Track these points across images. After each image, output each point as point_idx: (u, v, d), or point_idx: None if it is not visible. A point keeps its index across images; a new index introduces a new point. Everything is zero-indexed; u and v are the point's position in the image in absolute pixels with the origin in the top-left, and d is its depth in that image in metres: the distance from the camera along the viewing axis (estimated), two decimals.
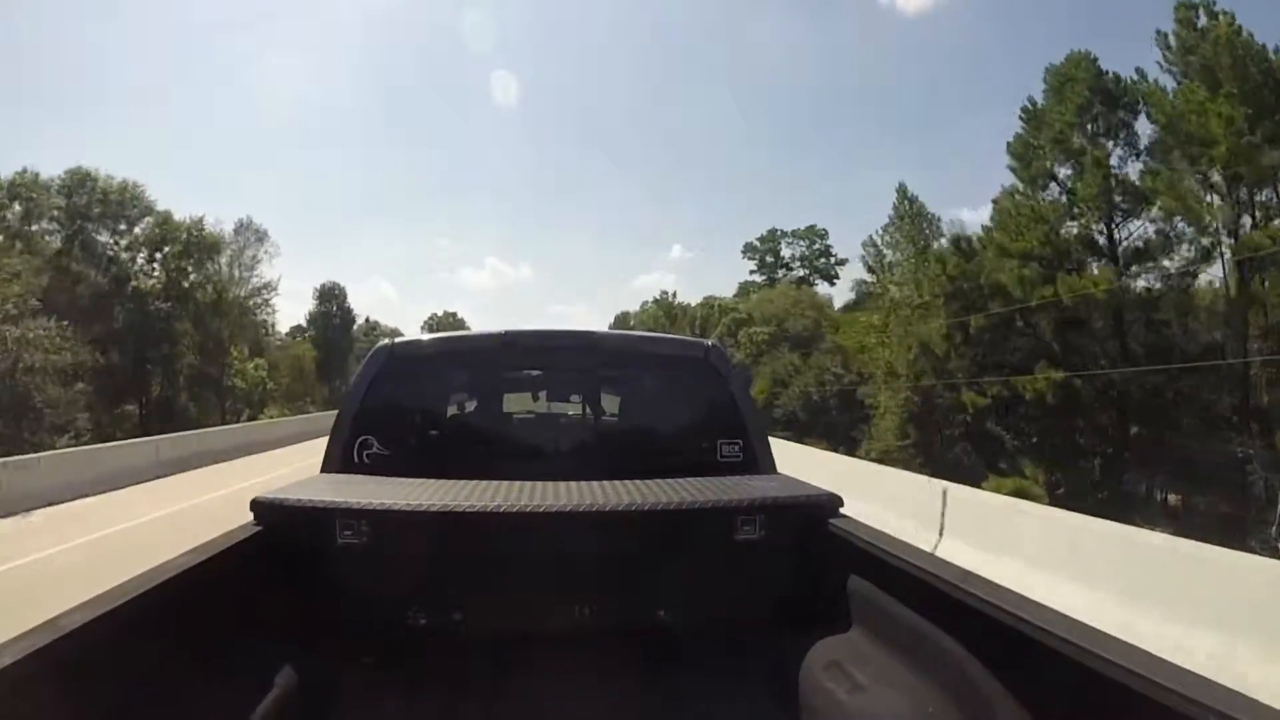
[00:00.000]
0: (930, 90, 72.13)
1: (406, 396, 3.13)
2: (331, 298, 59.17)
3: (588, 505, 2.31)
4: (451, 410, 3.42)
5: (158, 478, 14.09)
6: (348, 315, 59.11)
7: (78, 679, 1.45)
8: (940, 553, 4.85)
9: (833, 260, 76.48)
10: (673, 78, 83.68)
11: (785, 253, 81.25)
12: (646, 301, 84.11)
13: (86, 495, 11.44)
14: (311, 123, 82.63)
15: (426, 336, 3.47)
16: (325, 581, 2.40)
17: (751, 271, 76.40)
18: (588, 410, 3.43)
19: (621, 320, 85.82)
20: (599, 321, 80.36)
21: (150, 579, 1.73)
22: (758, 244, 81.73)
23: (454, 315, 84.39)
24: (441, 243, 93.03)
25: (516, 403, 3.59)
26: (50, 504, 10.71)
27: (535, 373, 3.53)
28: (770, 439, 3.36)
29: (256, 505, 2.33)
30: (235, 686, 1.93)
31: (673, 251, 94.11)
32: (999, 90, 67.02)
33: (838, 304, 61.41)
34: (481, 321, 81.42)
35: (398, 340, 3.24)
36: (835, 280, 72.39)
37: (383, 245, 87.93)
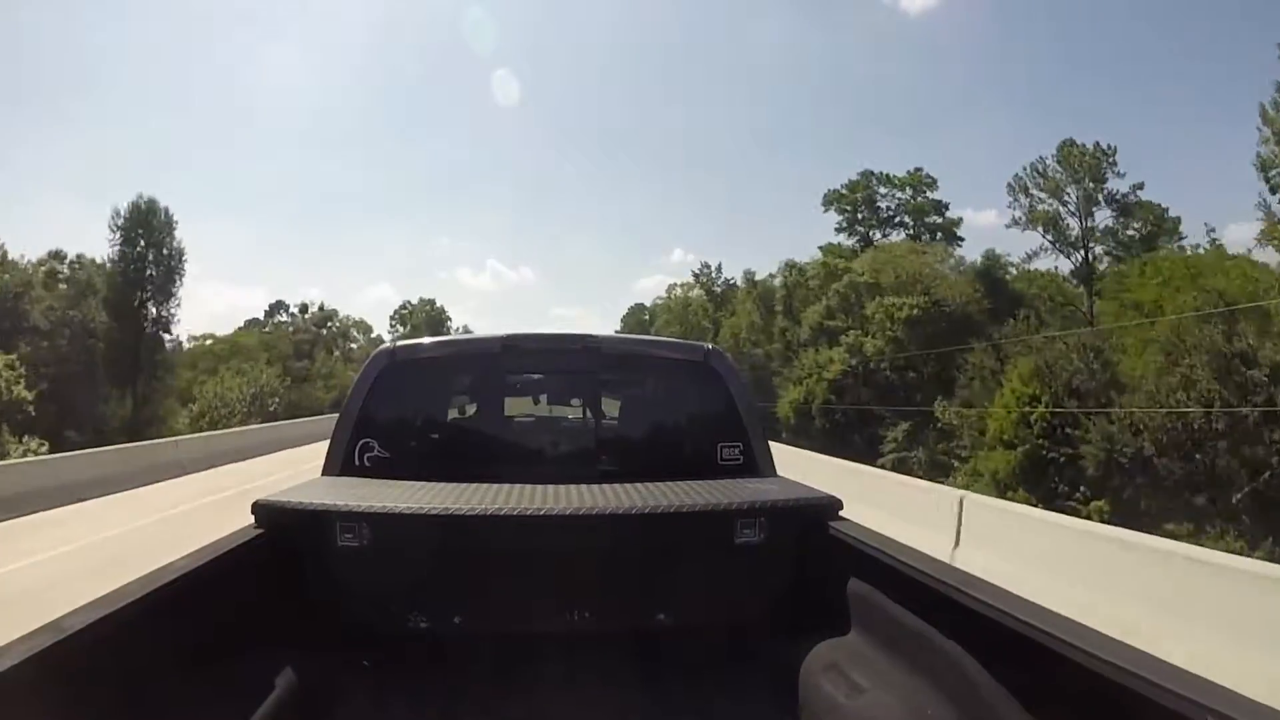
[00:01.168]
0: (936, 90, 70.31)
1: (407, 399, 3.20)
2: (143, 228, 25.01)
3: (588, 508, 2.39)
4: (452, 413, 3.51)
5: None
6: (173, 261, 25.21)
7: (79, 681, 1.51)
8: None
9: (945, 215, 52.40)
10: (675, 79, 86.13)
11: (882, 204, 56.15)
12: (675, 284, 70.19)
13: None
14: (311, 125, 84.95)
15: (427, 340, 3.52)
16: (326, 584, 2.49)
17: (838, 228, 54.77)
18: (588, 413, 3.45)
19: (635, 314, 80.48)
20: (602, 324, 79.49)
21: (151, 581, 1.78)
22: (844, 192, 58.33)
23: (431, 303, 74.48)
24: (441, 243, 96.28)
25: (517, 406, 3.64)
26: None
27: (536, 376, 3.60)
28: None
29: (257, 508, 2.42)
30: (235, 689, 1.98)
31: (674, 255, 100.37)
32: (1000, 91, 63.48)
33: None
34: (482, 324, 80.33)
35: (399, 344, 3.32)
36: (959, 240, 50.81)
37: (383, 249, 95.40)
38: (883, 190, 54.26)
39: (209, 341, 57.26)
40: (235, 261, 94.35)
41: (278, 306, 66.85)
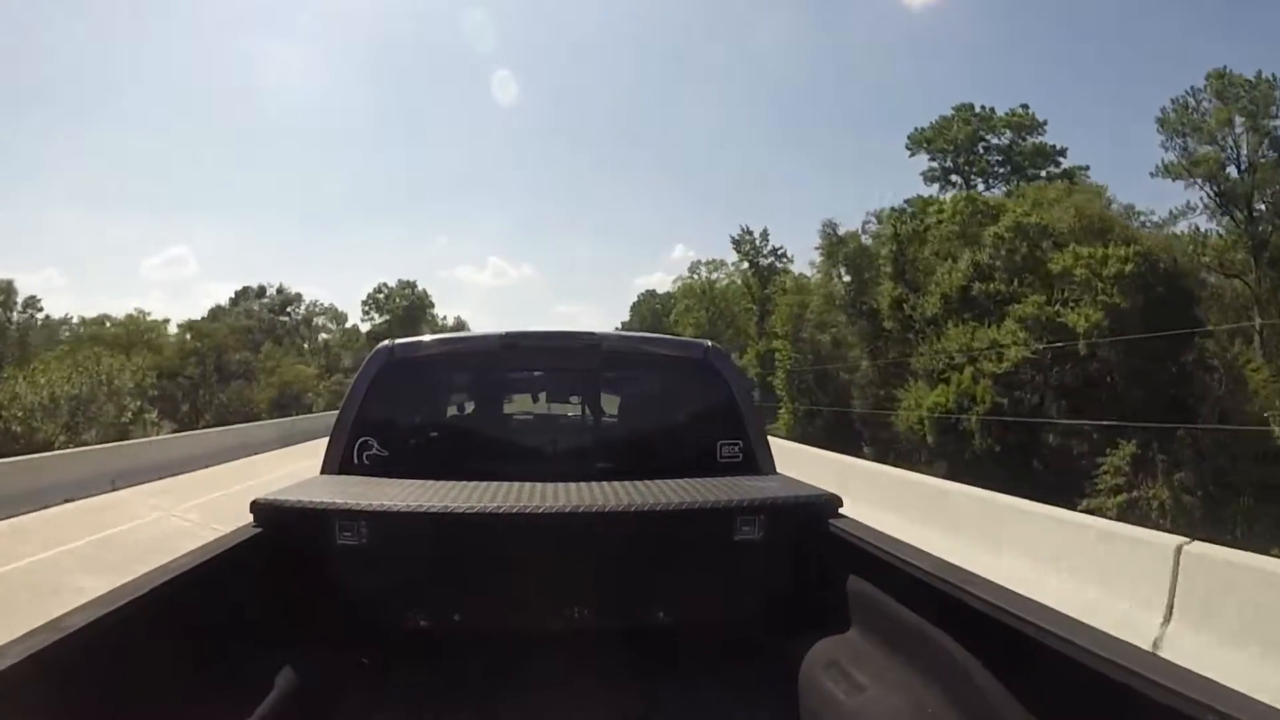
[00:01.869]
0: (933, 84, 66.07)
1: (406, 397, 3.25)
2: None
3: (587, 506, 2.47)
4: (451, 411, 3.59)
5: None
6: None
7: (78, 681, 1.54)
8: None
9: (1061, 163, 39.84)
10: (675, 76, 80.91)
11: (986, 144, 44.64)
12: (699, 262, 56.48)
13: None
14: (310, 123, 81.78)
15: (427, 337, 3.55)
16: (324, 582, 2.54)
17: (929, 176, 42.80)
18: (587, 411, 3.51)
19: (645, 303, 68.79)
20: (605, 320, 74.99)
21: (150, 581, 1.83)
22: (933, 131, 44.74)
23: (411, 286, 63.77)
24: (442, 242, 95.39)
25: (516, 404, 3.70)
26: None
27: (535, 374, 3.63)
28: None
29: (256, 507, 2.51)
30: (234, 688, 2.03)
31: (675, 251, 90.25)
32: (996, 87, 43.90)
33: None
34: (484, 322, 77.15)
35: (398, 341, 3.33)
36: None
37: (383, 247, 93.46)
38: (986, 128, 42.66)
39: (107, 325, 42.11)
40: (234, 261, 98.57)
41: (244, 293, 60.64)
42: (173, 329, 50.14)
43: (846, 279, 35.41)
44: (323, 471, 3.07)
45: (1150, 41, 57.02)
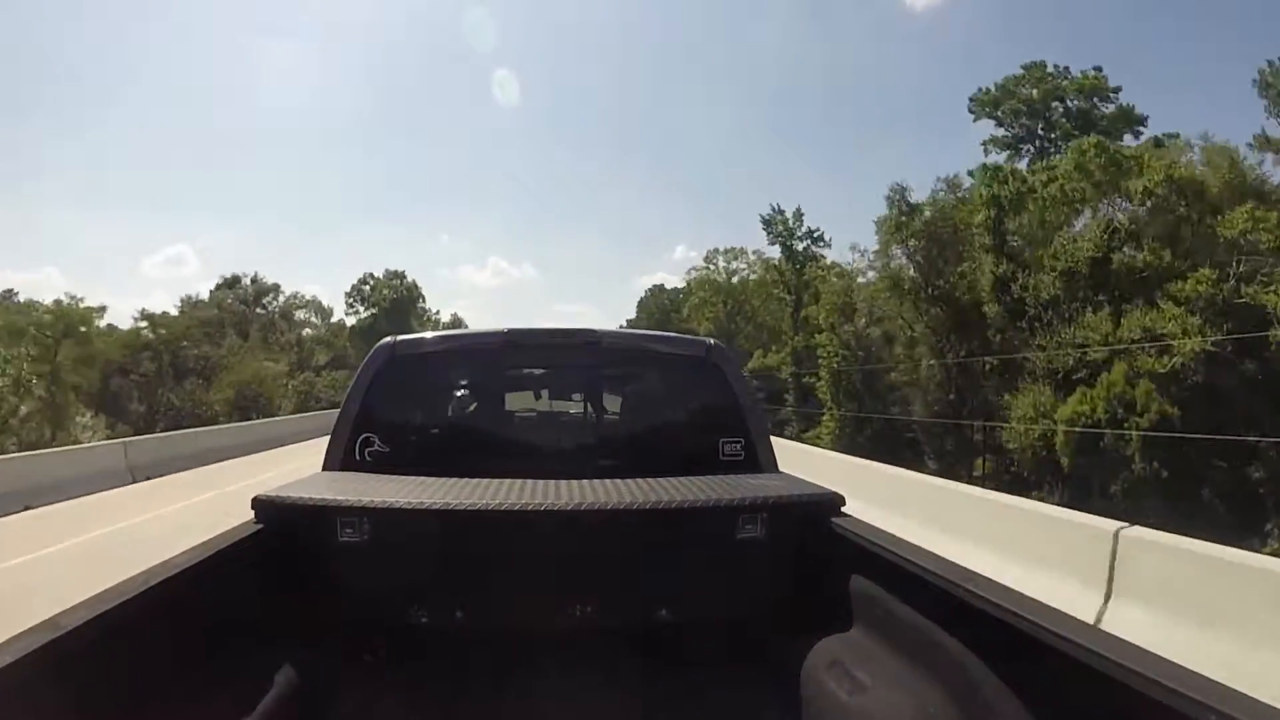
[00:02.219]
0: (933, 86, 62.55)
1: (408, 394, 3.35)
2: None
3: (589, 504, 2.58)
4: (453, 408, 3.68)
5: None
6: None
7: (78, 678, 1.59)
8: None
9: (1139, 130, 35.43)
10: (676, 76, 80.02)
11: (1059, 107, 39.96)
12: (715, 251, 51.84)
13: None
14: (309, 122, 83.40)
15: (429, 334, 3.76)
16: (326, 579, 2.66)
17: (998, 144, 38.22)
18: (589, 408, 3.62)
19: (654, 297, 64.67)
20: (607, 319, 72.50)
21: (150, 578, 1.87)
22: (1002, 91, 40.00)
23: (400, 277, 60.12)
24: (442, 240, 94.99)
25: (518, 401, 3.80)
26: None
27: (537, 371, 3.77)
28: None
29: (257, 503, 2.63)
30: (236, 685, 2.10)
31: (675, 252, 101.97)
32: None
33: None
34: (485, 320, 77.00)
35: (400, 338, 3.44)
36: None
37: (383, 246, 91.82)
38: (1058, 89, 37.15)
39: (33, 311, 36.34)
40: (235, 260, 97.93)
41: (222, 285, 58.61)
42: (131, 321, 45.68)
43: (918, 259, 30.19)
44: (324, 468, 3.17)
45: (1149, 38, 56.80)
